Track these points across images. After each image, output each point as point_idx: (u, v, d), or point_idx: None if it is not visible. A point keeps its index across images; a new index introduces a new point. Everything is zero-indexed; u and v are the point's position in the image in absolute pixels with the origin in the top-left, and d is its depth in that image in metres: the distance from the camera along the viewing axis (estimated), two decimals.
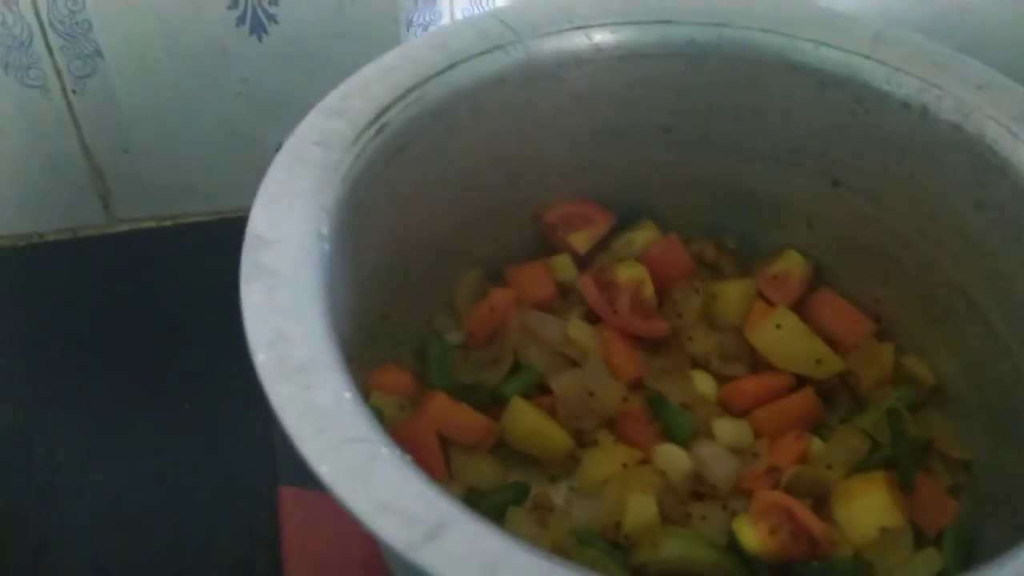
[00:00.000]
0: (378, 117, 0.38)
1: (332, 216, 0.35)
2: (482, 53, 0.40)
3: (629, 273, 0.45)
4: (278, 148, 0.64)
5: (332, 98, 0.38)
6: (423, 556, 0.26)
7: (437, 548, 0.26)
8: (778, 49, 0.42)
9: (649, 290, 0.45)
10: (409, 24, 0.61)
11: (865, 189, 0.44)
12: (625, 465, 0.41)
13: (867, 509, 0.38)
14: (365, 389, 0.42)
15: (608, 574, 0.37)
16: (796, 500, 0.38)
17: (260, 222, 0.33)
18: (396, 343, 0.44)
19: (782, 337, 0.44)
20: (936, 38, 0.41)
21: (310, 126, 0.37)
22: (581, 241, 0.47)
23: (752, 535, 0.37)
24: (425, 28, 0.62)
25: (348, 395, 0.30)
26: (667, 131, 0.46)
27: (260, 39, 0.59)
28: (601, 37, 0.42)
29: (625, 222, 0.49)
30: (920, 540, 0.39)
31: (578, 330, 0.44)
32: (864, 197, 0.44)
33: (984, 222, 0.39)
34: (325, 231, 0.34)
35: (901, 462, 0.40)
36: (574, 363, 0.44)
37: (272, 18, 0.59)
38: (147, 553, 0.46)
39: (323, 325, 0.31)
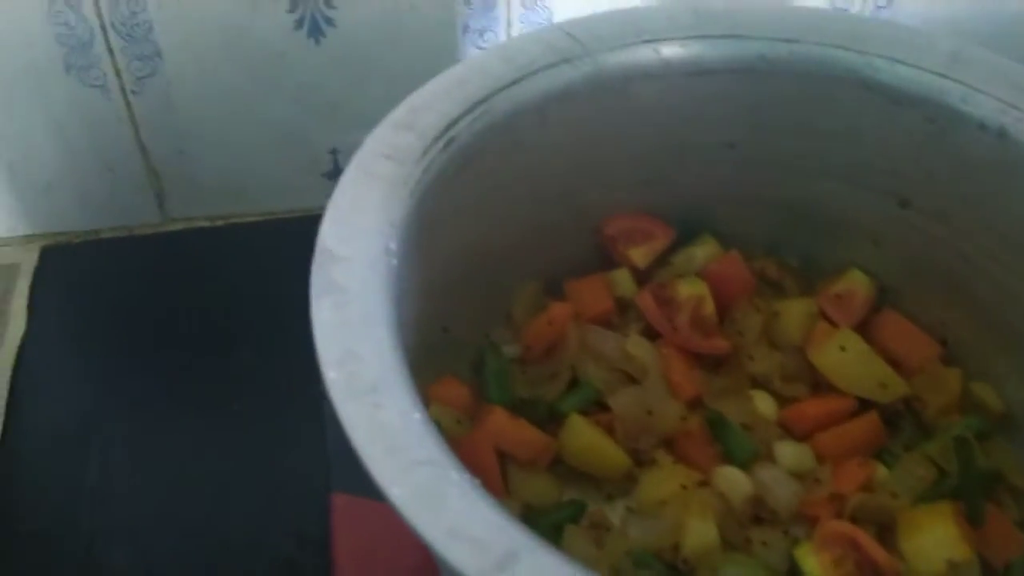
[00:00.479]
0: (447, 130, 0.37)
1: (400, 231, 0.35)
2: (549, 66, 0.40)
3: (689, 289, 0.45)
4: (332, 151, 0.65)
5: (401, 111, 0.38)
6: None
7: None
8: (851, 66, 0.41)
9: (710, 307, 0.45)
10: (465, 29, 0.61)
11: (936, 210, 0.43)
12: (684, 486, 0.40)
13: (935, 541, 0.37)
14: (424, 402, 0.42)
15: None
16: (862, 530, 0.37)
17: (330, 237, 0.33)
18: (455, 356, 0.44)
19: (846, 359, 0.43)
20: (1004, 48, 0.40)
21: (380, 139, 0.37)
22: (640, 256, 0.47)
23: (815, 565, 0.37)
24: (481, 34, 0.62)
25: (417, 416, 0.29)
26: (733, 147, 0.45)
27: (317, 42, 0.59)
28: (670, 52, 0.41)
29: (686, 237, 0.48)
30: (988, 574, 0.38)
31: (637, 346, 0.44)
32: (934, 218, 0.43)
33: None
34: (393, 246, 0.34)
35: (969, 493, 0.39)
36: (632, 380, 0.44)
37: (330, 21, 0.59)
38: (196, 554, 0.46)
39: (391, 342, 0.31)
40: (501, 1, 0.61)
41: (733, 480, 0.40)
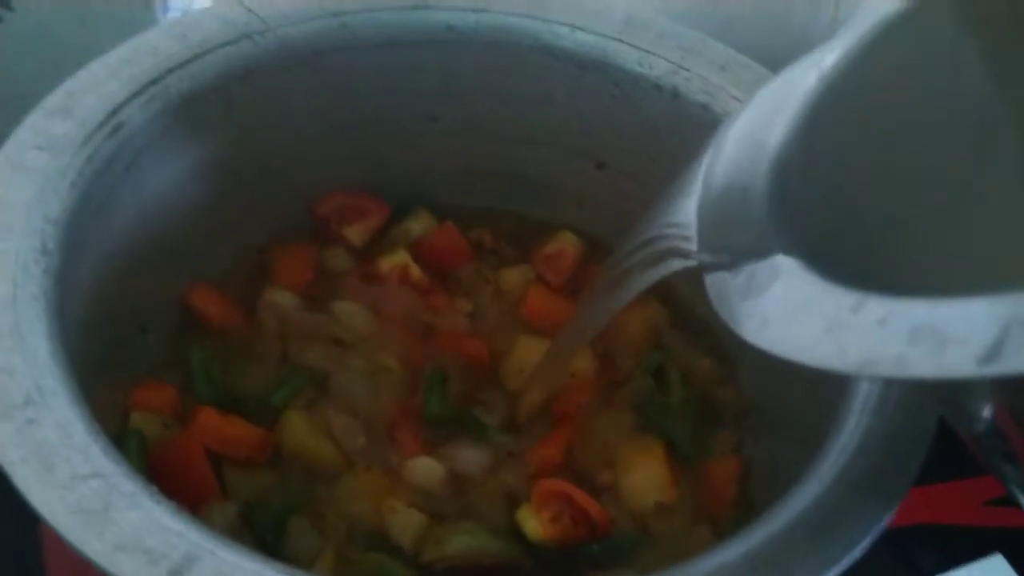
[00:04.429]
0: (112, 115, 0.35)
1: (60, 227, 0.32)
2: (228, 43, 0.38)
3: (392, 261, 0.45)
4: None
5: (56, 96, 0.34)
6: None
7: None
8: (535, 34, 0.42)
9: (416, 272, 0.45)
10: (166, 8, 0.57)
11: (627, 169, 0.45)
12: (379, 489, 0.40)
13: (645, 481, 0.39)
14: (125, 409, 0.40)
15: None
16: (573, 486, 0.39)
17: None
18: (160, 357, 0.41)
19: None
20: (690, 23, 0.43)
21: (31, 128, 0.33)
22: (356, 234, 0.46)
23: (535, 525, 0.38)
24: (185, 12, 0.58)
25: (81, 427, 0.27)
26: (435, 119, 0.45)
27: None
28: (356, 24, 0.41)
29: (401, 211, 0.48)
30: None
31: (347, 314, 0.43)
32: (626, 176, 0.45)
33: None
34: (51, 245, 0.31)
35: (675, 425, 0.42)
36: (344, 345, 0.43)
37: (5, 4, 0.53)
38: None
39: (49, 351, 0.28)
40: None
41: (424, 469, 0.40)
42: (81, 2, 0.55)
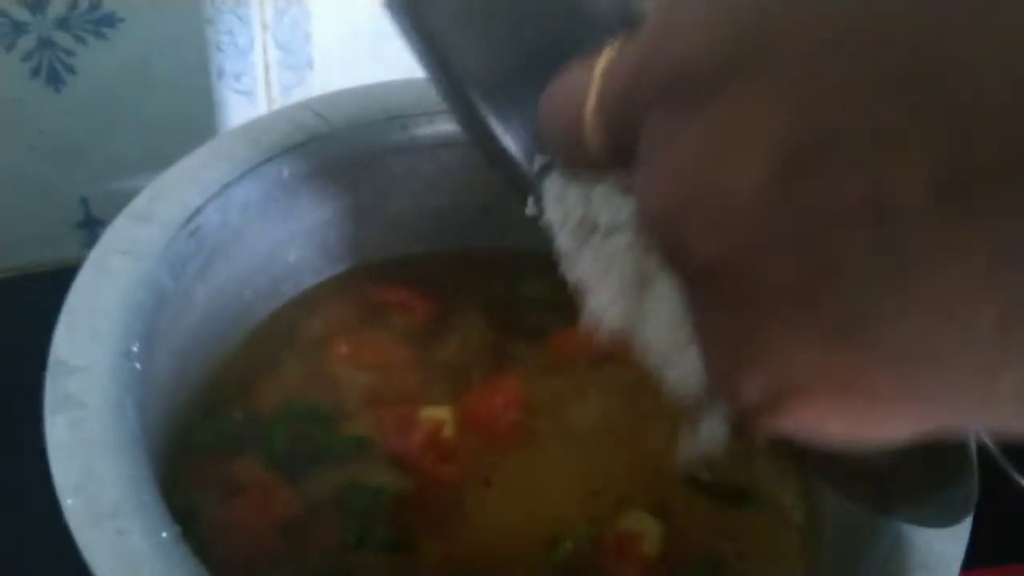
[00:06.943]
0: (190, 219, 0.37)
1: (143, 330, 0.34)
2: (297, 146, 0.40)
3: (431, 414, 0.44)
4: (82, 200, 0.61)
5: (140, 201, 0.37)
6: None
7: None
8: None
9: (448, 431, 0.44)
10: (220, 73, 0.60)
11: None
12: None
13: None
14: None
15: None
16: None
17: (63, 346, 0.32)
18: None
19: None
20: None
21: (116, 233, 0.35)
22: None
23: None
24: (237, 78, 0.61)
25: (165, 535, 0.29)
26: (483, 211, 0.47)
27: (57, 90, 0.56)
28: (416, 127, 0.43)
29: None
30: None
31: None
32: None
33: None
34: (135, 348, 0.33)
35: None
36: None
37: (70, 69, 0.56)
38: None
39: (136, 457, 0.30)
40: (257, 45, 0.60)
41: None
42: (140, 67, 0.57)
